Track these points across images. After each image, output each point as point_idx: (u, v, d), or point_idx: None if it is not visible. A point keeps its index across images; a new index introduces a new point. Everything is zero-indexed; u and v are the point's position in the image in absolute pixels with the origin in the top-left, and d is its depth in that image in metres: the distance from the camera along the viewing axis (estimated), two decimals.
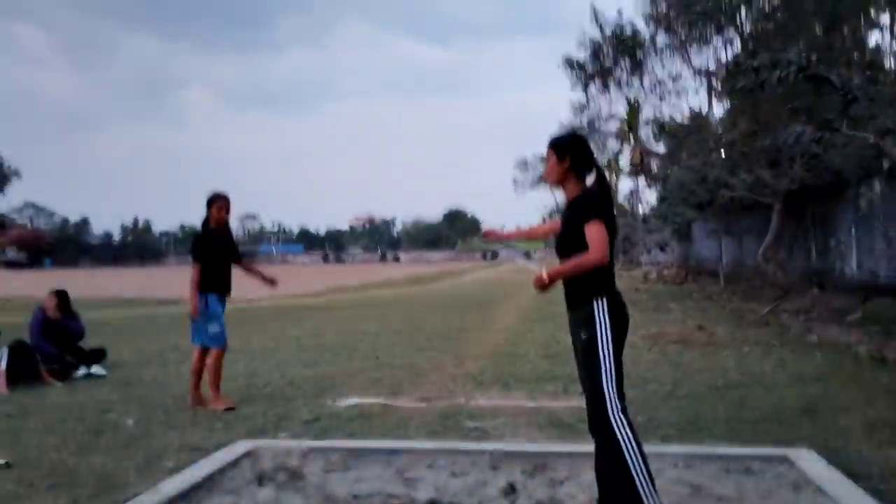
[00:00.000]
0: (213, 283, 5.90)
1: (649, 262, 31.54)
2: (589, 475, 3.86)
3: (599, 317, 3.02)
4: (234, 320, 14.92)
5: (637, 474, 2.96)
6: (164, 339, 10.65)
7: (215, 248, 5.98)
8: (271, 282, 6.26)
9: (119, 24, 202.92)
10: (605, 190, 3.22)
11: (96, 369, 7.56)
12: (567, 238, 3.15)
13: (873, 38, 14.54)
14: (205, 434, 4.96)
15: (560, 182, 3.24)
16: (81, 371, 7.46)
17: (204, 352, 5.95)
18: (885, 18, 13.94)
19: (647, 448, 4.31)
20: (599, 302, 3.03)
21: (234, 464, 4.12)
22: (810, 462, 3.87)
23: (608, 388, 2.99)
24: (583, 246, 3.00)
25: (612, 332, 3.02)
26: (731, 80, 12.51)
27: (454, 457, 4.22)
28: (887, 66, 14.46)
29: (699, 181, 20.17)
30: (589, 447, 4.37)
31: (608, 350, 3.01)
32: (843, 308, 12.31)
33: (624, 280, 28.44)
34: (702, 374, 7.06)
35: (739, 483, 3.69)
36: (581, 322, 3.09)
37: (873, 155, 9.61)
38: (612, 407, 3.00)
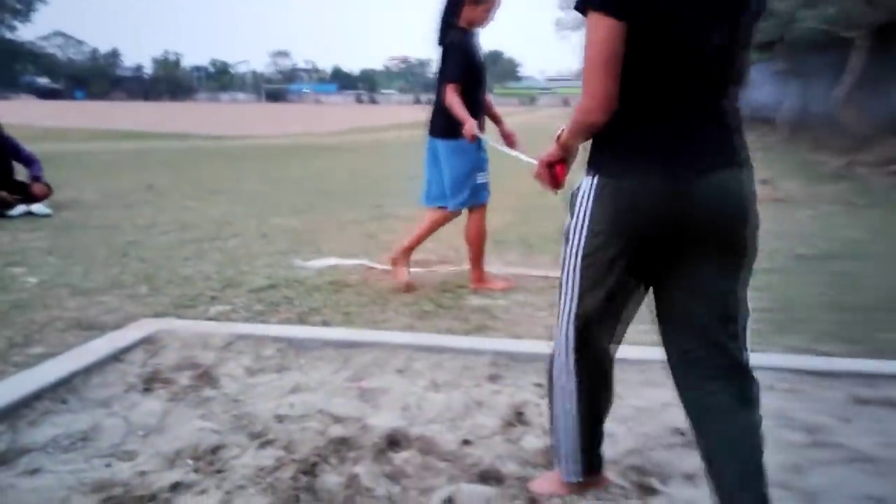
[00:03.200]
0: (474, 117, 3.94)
1: None
2: (635, 401, 2.53)
3: (582, 200, 1.72)
4: (233, 157, 13.55)
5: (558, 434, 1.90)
6: (142, 177, 9.37)
7: (479, 67, 4.00)
8: (508, 136, 4.26)
9: None
10: None
11: (38, 208, 6.33)
12: None
13: None
14: (117, 305, 3.68)
15: None
16: (19, 209, 6.23)
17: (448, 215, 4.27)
18: None
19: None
20: (590, 180, 1.72)
21: (118, 357, 2.84)
22: None
23: (565, 302, 1.80)
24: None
25: (589, 226, 1.70)
26: None
27: (440, 357, 2.90)
28: None
29: (766, 15, 17.61)
30: (637, 353, 3.03)
31: (577, 251, 1.74)
32: None
33: None
34: (779, 239, 5.56)
35: (874, 428, 2.31)
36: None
37: None
38: (563, 331, 1.81)
